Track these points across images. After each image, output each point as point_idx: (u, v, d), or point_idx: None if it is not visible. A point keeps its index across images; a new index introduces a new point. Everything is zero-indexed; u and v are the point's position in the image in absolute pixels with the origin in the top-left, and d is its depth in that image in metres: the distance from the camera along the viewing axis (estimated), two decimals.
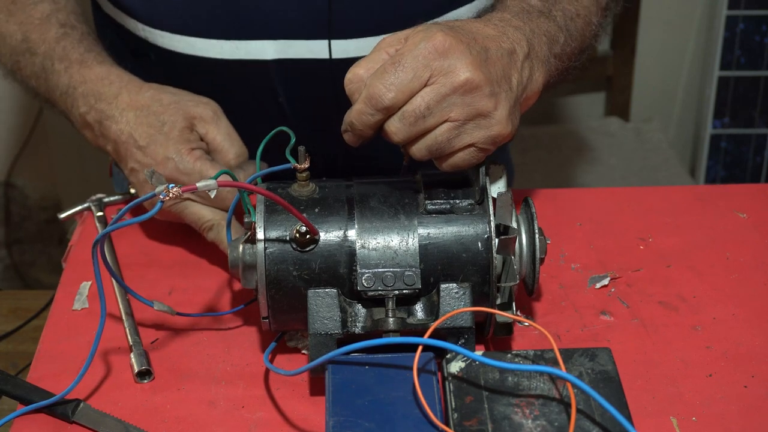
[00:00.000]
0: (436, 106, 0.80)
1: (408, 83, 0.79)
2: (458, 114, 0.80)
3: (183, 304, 0.95)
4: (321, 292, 0.83)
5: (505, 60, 0.83)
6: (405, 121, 0.80)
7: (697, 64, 2.22)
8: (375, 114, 0.81)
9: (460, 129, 0.81)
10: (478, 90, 0.80)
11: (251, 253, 0.84)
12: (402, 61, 0.79)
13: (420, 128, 0.81)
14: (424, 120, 0.80)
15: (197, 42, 1.04)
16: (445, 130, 0.81)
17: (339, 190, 0.86)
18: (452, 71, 0.79)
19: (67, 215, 1.06)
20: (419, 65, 0.79)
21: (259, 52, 1.03)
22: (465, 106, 0.80)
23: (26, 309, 1.62)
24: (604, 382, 0.78)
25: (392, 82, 0.79)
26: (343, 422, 0.75)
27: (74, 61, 1.00)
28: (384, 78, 0.79)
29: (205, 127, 0.96)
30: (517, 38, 0.86)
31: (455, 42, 0.80)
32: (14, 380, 0.86)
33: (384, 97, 0.79)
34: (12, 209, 2.21)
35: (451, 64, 0.80)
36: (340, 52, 1.04)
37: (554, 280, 0.98)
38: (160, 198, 0.75)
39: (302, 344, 0.91)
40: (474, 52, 0.81)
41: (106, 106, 0.97)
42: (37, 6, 1.04)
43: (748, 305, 0.95)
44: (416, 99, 0.80)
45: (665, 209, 1.08)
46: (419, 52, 0.79)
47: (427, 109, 0.80)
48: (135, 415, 0.84)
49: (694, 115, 2.28)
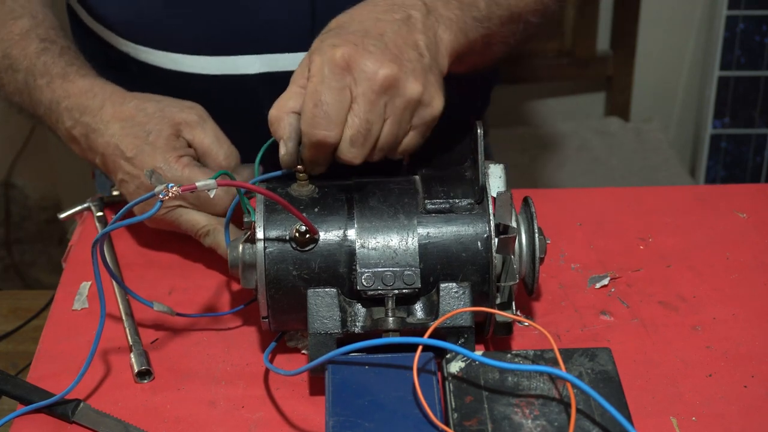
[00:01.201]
0: (372, 115, 0.81)
1: (338, 113, 0.80)
2: (392, 109, 0.82)
3: (183, 304, 0.95)
4: (321, 292, 0.83)
5: (404, 30, 0.83)
6: (356, 145, 0.81)
7: (697, 64, 2.22)
8: (327, 154, 0.82)
9: (400, 120, 0.82)
10: (397, 80, 0.80)
11: (251, 253, 0.84)
12: (321, 97, 0.80)
13: (371, 142, 0.82)
14: (370, 133, 0.81)
15: (182, 58, 1.04)
16: (387, 129, 0.82)
17: (338, 189, 0.86)
18: (367, 77, 0.80)
19: (67, 215, 1.06)
20: (336, 91, 0.80)
21: (245, 66, 1.04)
22: (395, 99, 0.81)
23: (26, 309, 1.62)
24: (604, 382, 0.78)
25: (326, 121, 0.80)
26: (343, 422, 0.75)
27: (56, 75, 0.99)
28: (315, 122, 0.80)
29: (191, 133, 0.95)
30: (410, 4, 0.85)
31: (352, 50, 0.80)
32: (14, 380, 0.86)
33: (328, 139, 0.80)
34: (12, 209, 2.21)
35: (362, 71, 0.80)
36: None
37: (554, 280, 0.98)
38: (159, 198, 0.75)
39: (302, 344, 0.91)
40: (373, 48, 0.80)
41: (90, 119, 0.96)
42: (17, 22, 1.03)
43: (748, 305, 0.95)
44: (353, 120, 0.81)
45: (665, 209, 1.08)
46: (328, 77, 0.80)
47: (367, 123, 0.81)
48: (135, 415, 0.84)
49: (694, 115, 2.28)
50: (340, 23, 0.85)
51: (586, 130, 2.25)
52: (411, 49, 0.82)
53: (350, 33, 0.82)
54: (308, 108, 0.80)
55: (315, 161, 0.83)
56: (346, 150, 0.81)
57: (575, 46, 2.21)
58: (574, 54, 2.22)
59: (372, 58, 0.80)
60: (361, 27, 0.83)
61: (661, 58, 2.24)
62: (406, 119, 0.83)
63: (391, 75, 0.80)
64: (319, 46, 0.82)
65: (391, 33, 0.82)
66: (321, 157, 0.83)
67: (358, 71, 0.80)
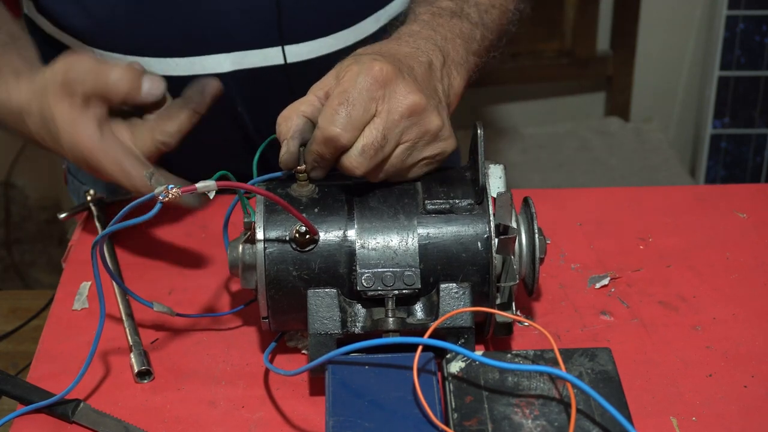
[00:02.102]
0: (390, 134, 0.82)
1: (360, 119, 0.81)
2: (410, 136, 0.83)
3: (183, 304, 0.95)
4: (321, 292, 0.83)
5: (428, 74, 0.87)
6: (365, 155, 0.82)
7: (697, 64, 2.23)
8: (334, 154, 0.82)
9: (413, 148, 0.84)
10: (423, 111, 0.83)
11: (251, 254, 0.84)
12: (348, 98, 0.81)
13: (380, 158, 0.83)
14: (383, 149, 0.82)
15: (150, 61, 1.03)
16: (399, 152, 0.84)
17: (338, 190, 0.86)
18: (396, 98, 0.82)
19: (67, 215, 1.06)
20: (365, 99, 0.81)
21: (214, 66, 1.04)
22: (415, 127, 0.83)
23: (26, 309, 1.62)
24: (604, 382, 0.78)
25: (345, 121, 0.80)
26: (343, 422, 0.75)
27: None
28: (335, 119, 0.81)
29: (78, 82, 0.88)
30: (430, 50, 0.88)
31: (391, 69, 0.82)
32: (14, 380, 0.86)
33: (341, 138, 0.81)
34: (12, 209, 2.22)
35: (394, 91, 0.82)
36: (295, 56, 1.06)
37: (554, 280, 0.98)
38: (159, 199, 0.75)
39: (302, 344, 0.91)
40: (407, 75, 0.83)
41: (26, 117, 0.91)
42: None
43: (748, 305, 0.95)
44: (371, 131, 0.82)
45: (665, 209, 1.08)
46: (362, 86, 0.81)
47: (383, 139, 0.82)
48: (135, 415, 0.84)
49: (694, 115, 2.28)
50: (369, 49, 0.87)
51: (586, 130, 2.25)
52: (433, 90, 0.86)
53: (385, 56, 0.84)
54: (332, 104, 0.81)
55: (318, 161, 0.83)
56: (354, 157, 0.82)
57: (575, 46, 2.21)
58: (574, 54, 2.22)
59: (406, 83, 0.82)
60: (395, 55, 0.85)
61: (661, 58, 2.25)
62: (419, 148, 0.84)
63: (419, 104, 0.82)
64: (357, 58, 0.84)
65: (419, 71, 0.86)
66: (326, 157, 0.83)
67: (391, 90, 0.82)
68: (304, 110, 0.84)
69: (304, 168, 0.85)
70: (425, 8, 0.95)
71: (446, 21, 0.93)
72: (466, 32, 0.94)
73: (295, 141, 0.83)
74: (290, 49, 1.05)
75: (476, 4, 0.98)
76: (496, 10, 1.00)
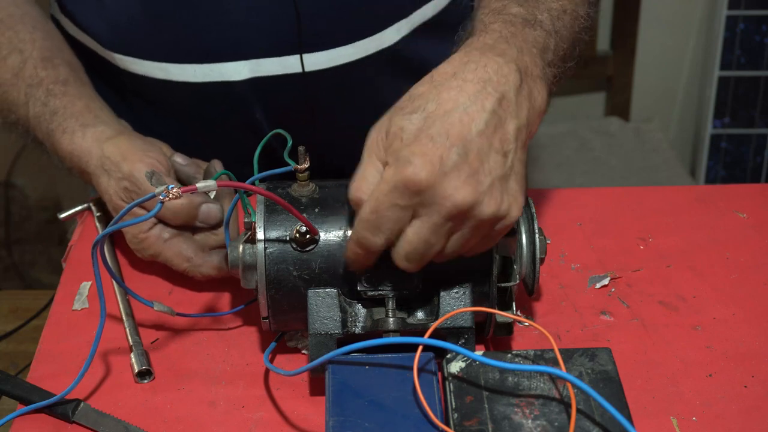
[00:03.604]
0: (435, 237, 0.75)
1: (393, 226, 0.75)
2: (461, 229, 0.76)
3: (183, 304, 0.95)
4: (321, 292, 0.83)
5: (492, 125, 0.75)
6: (412, 261, 0.77)
7: (697, 64, 2.22)
8: (372, 254, 0.78)
9: (469, 236, 0.77)
10: (472, 207, 0.74)
11: (251, 253, 0.84)
12: (380, 207, 0.74)
13: (429, 258, 0.77)
14: (429, 252, 0.76)
15: (169, 67, 1.03)
16: (453, 244, 0.77)
17: (339, 190, 0.86)
18: (436, 200, 0.73)
19: (67, 215, 1.06)
20: (398, 207, 0.74)
21: (232, 73, 1.04)
22: (466, 222, 0.76)
23: (26, 309, 1.62)
24: (604, 382, 0.78)
25: (376, 229, 0.75)
26: (343, 422, 0.75)
27: (45, 136, 1.00)
28: (367, 225, 0.76)
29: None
30: (503, 74, 0.77)
31: (428, 172, 0.72)
32: (14, 380, 0.86)
33: (374, 243, 0.77)
34: (12, 209, 2.21)
35: (431, 195, 0.73)
36: (313, 65, 1.04)
37: (554, 280, 0.98)
38: (159, 199, 0.75)
39: (302, 344, 0.91)
40: (451, 165, 0.73)
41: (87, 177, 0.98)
42: (7, 61, 1.02)
43: (748, 305, 0.95)
44: (411, 236, 0.76)
45: (665, 209, 1.08)
46: (394, 194, 0.74)
47: (426, 244, 0.76)
48: (135, 415, 0.84)
49: (694, 115, 2.28)
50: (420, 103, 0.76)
51: (586, 130, 2.25)
52: (495, 153, 0.75)
53: (432, 138, 0.73)
54: (365, 211, 0.76)
55: (356, 259, 0.80)
56: (400, 261, 0.78)
57: None
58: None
59: (447, 183, 0.73)
60: (445, 126, 0.74)
61: (661, 58, 2.24)
62: (476, 235, 0.77)
63: (464, 203, 0.73)
64: (397, 148, 0.74)
65: (477, 135, 0.74)
66: (361, 257, 0.79)
67: (430, 195, 0.73)
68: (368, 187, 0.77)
69: (304, 167, 0.85)
70: (494, 17, 0.85)
71: (519, 30, 0.83)
72: (541, 42, 0.84)
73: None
74: (308, 58, 1.03)
75: (548, 9, 0.88)
76: (567, 16, 0.91)
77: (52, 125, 0.98)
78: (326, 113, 1.08)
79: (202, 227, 0.95)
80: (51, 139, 0.99)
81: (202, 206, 0.93)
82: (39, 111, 0.99)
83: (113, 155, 0.94)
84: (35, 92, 1.00)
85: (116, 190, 0.94)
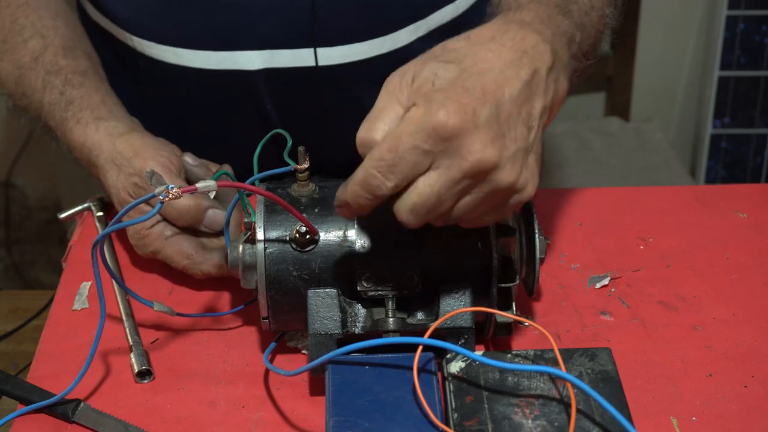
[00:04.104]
0: (448, 192, 0.71)
1: (408, 171, 0.70)
2: (475, 191, 0.72)
3: (183, 304, 0.95)
4: (321, 292, 0.83)
5: (524, 96, 0.73)
6: (416, 214, 0.72)
7: (697, 64, 2.22)
8: (372, 201, 0.73)
9: (480, 202, 0.73)
10: (493, 168, 0.71)
11: (251, 254, 0.84)
12: (400, 148, 0.70)
13: (434, 215, 0.73)
14: (438, 208, 0.72)
15: (184, 53, 1.04)
16: (462, 206, 0.73)
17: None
18: (461, 153, 0.70)
19: (67, 215, 1.06)
20: (420, 151, 0.70)
21: (245, 62, 1.04)
22: (482, 185, 0.72)
23: (26, 309, 1.62)
24: (604, 382, 0.78)
25: (389, 170, 0.70)
26: (343, 422, 0.75)
27: (58, 124, 1.00)
28: (380, 164, 0.70)
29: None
30: (538, 51, 0.74)
31: (460, 121, 0.69)
32: (14, 380, 0.86)
33: (382, 187, 0.71)
34: (12, 209, 2.21)
35: (459, 146, 0.70)
36: (326, 59, 1.04)
37: (554, 280, 0.98)
38: (159, 198, 0.75)
39: (302, 344, 0.91)
40: (483, 121, 0.70)
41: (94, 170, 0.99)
42: (28, 44, 1.03)
43: (748, 305, 0.95)
44: (423, 187, 0.71)
45: (665, 209, 1.08)
46: (420, 136, 0.69)
47: (438, 198, 0.71)
48: (135, 415, 0.84)
49: (694, 115, 2.28)
50: (457, 56, 0.73)
51: (586, 130, 2.25)
52: (522, 124, 0.73)
53: (467, 90, 0.71)
54: (381, 149, 0.71)
55: (355, 201, 0.74)
56: (403, 212, 0.73)
57: None
58: None
59: (476, 137, 0.70)
60: (481, 82, 0.71)
61: (661, 58, 2.25)
62: (488, 202, 0.73)
63: (488, 162, 0.70)
64: (428, 91, 0.71)
65: (509, 100, 0.72)
66: (362, 201, 0.73)
67: (455, 146, 0.69)
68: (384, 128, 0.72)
69: (304, 167, 0.85)
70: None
71: (553, 15, 0.81)
72: (570, 32, 0.82)
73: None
74: (322, 52, 1.03)
75: (578, 2, 0.86)
76: (594, 12, 0.89)
77: (67, 114, 0.99)
78: (336, 109, 1.08)
79: (206, 232, 0.95)
80: (63, 128, 1.00)
81: (208, 211, 0.94)
82: (54, 99, 1.00)
83: (125, 151, 0.95)
84: (53, 80, 1.01)
85: (125, 185, 0.94)
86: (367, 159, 0.71)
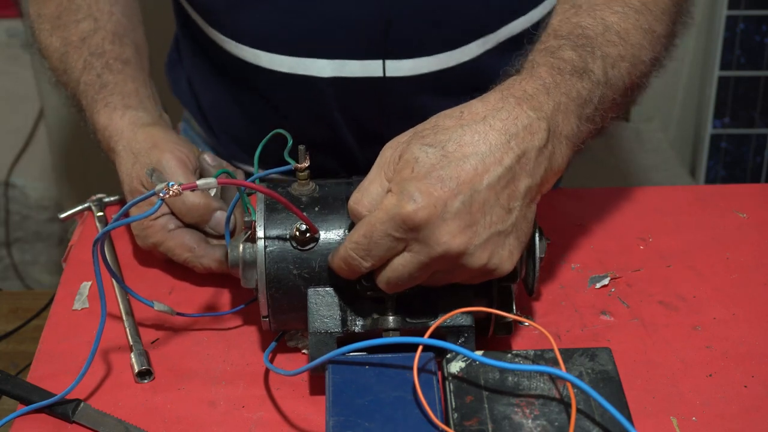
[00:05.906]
0: (418, 272, 0.77)
1: (383, 254, 0.77)
2: (446, 273, 0.79)
3: (183, 303, 0.95)
4: (321, 291, 0.83)
5: (504, 181, 0.76)
6: (392, 286, 0.79)
7: (697, 64, 2.22)
8: (354, 274, 0.80)
9: (452, 278, 0.80)
10: (461, 255, 0.76)
11: (251, 252, 0.84)
12: (374, 235, 0.76)
13: (409, 286, 0.80)
14: (412, 282, 0.79)
15: (262, 55, 1.06)
16: (436, 279, 0.80)
17: (339, 188, 0.86)
18: (430, 243, 0.75)
19: (67, 215, 1.06)
20: (391, 238, 0.76)
21: (317, 70, 1.05)
22: (452, 266, 0.78)
23: (26, 309, 1.62)
24: (604, 382, 0.78)
25: (366, 253, 0.77)
26: (343, 422, 0.75)
27: (88, 104, 1.02)
28: (357, 247, 0.77)
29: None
30: (530, 131, 0.77)
31: (429, 215, 0.74)
32: (14, 380, 0.86)
33: (360, 266, 0.78)
34: (12, 209, 2.22)
35: (426, 236, 0.75)
36: (394, 71, 1.05)
37: (554, 280, 0.98)
38: (159, 196, 0.75)
39: (302, 344, 0.91)
40: (453, 213, 0.74)
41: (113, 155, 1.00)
42: (79, 25, 1.06)
43: (748, 305, 0.95)
44: (396, 266, 0.78)
45: (665, 209, 1.08)
46: (392, 225, 0.75)
47: (410, 277, 0.78)
48: (135, 415, 0.84)
49: (694, 115, 2.28)
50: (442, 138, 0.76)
51: None
52: (500, 207, 0.76)
53: (442, 180, 0.74)
54: (358, 233, 0.77)
55: (340, 271, 0.81)
56: (380, 283, 0.80)
57: None
58: None
59: (444, 230, 0.74)
60: (458, 171, 0.75)
61: None
62: (459, 277, 0.79)
63: (455, 251, 0.75)
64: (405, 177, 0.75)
65: (486, 187, 0.75)
66: (344, 273, 0.80)
67: (424, 235, 0.75)
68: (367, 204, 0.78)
69: (304, 166, 0.85)
70: (545, 59, 0.83)
71: (565, 80, 0.81)
72: (584, 95, 0.82)
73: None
74: (391, 64, 1.04)
75: (603, 57, 0.85)
76: (625, 63, 0.87)
77: (98, 96, 1.01)
78: (397, 120, 1.08)
79: (211, 233, 0.95)
80: (92, 109, 1.01)
81: (216, 212, 0.94)
82: (91, 80, 1.02)
83: (145, 141, 0.96)
84: (94, 61, 1.03)
85: (139, 175, 0.95)
86: (347, 241, 0.78)
